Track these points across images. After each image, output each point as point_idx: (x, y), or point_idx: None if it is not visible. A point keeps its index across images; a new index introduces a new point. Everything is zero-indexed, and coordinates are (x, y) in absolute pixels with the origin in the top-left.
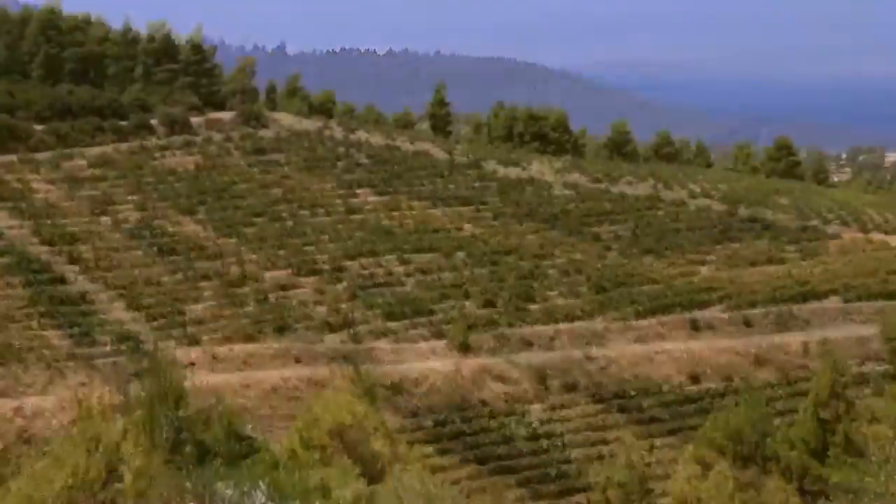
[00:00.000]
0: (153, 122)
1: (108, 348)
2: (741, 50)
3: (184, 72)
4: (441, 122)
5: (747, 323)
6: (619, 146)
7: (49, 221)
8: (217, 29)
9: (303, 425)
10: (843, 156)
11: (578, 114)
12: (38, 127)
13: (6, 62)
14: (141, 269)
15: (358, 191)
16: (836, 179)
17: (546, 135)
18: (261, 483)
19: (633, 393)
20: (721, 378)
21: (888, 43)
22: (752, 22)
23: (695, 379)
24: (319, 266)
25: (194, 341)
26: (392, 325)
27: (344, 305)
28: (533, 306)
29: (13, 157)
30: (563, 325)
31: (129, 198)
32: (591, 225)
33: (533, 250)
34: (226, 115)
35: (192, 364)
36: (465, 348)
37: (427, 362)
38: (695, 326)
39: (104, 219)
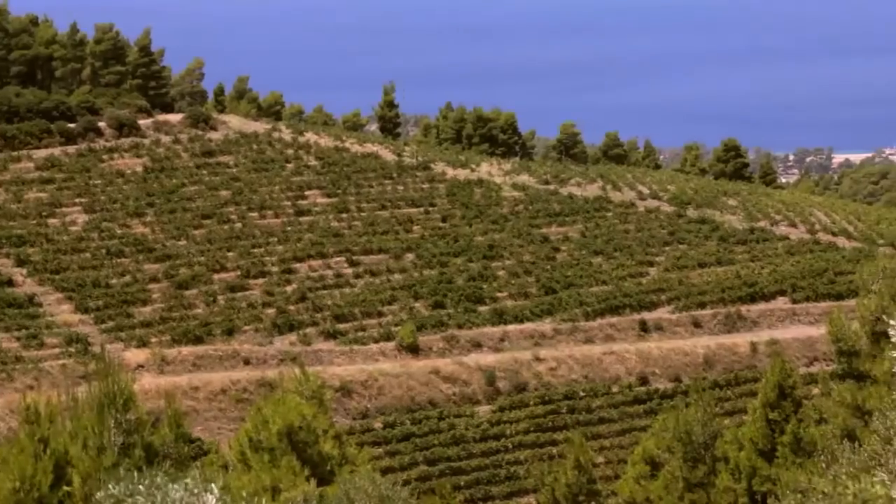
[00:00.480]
0: (101, 124)
1: (56, 350)
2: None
3: (132, 74)
4: (390, 123)
5: (696, 324)
6: (568, 148)
7: None
8: None
9: (252, 427)
10: (791, 157)
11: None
12: None
13: None
14: (89, 271)
15: (307, 193)
16: (783, 180)
17: (495, 136)
18: (211, 485)
19: (582, 394)
20: (670, 379)
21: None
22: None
23: (644, 380)
24: (268, 268)
25: (143, 343)
26: (341, 326)
27: (293, 307)
28: (482, 307)
29: None
30: (512, 327)
31: (77, 200)
32: (540, 226)
33: (482, 252)
34: (174, 118)
35: (141, 366)
36: (414, 349)
37: (376, 364)
38: (644, 327)
39: (52, 221)
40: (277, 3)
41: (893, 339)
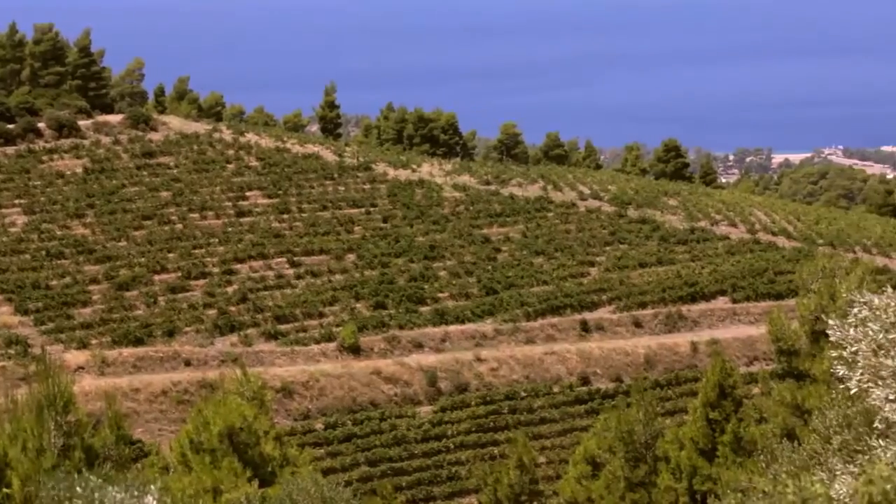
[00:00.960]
0: (40, 125)
1: None
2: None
3: (71, 75)
4: (331, 124)
5: (637, 323)
6: (509, 148)
7: None
8: None
9: (193, 428)
10: (731, 157)
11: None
12: None
13: None
14: (29, 272)
15: (248, 193)
16: (724, 181)
17: (436, 137)
18: (151, 486)
19: (523, 394)
20: (611, 378)
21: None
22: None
23: (585, 380)
24: (209, 269)
25: (83, 345)
26: (282, 327)
27: (234, 308)
28: (423, 308)
29: None
30: (453, 327)
31: (17, 201)
32: (481, 227)
33: (423, 252)
34: (114, 118)
35: (82, 368)
36: (355, 350)
37: (318, 364)
38: (585, 328)
39: None
40: (214, 4)
41: (832, 339)
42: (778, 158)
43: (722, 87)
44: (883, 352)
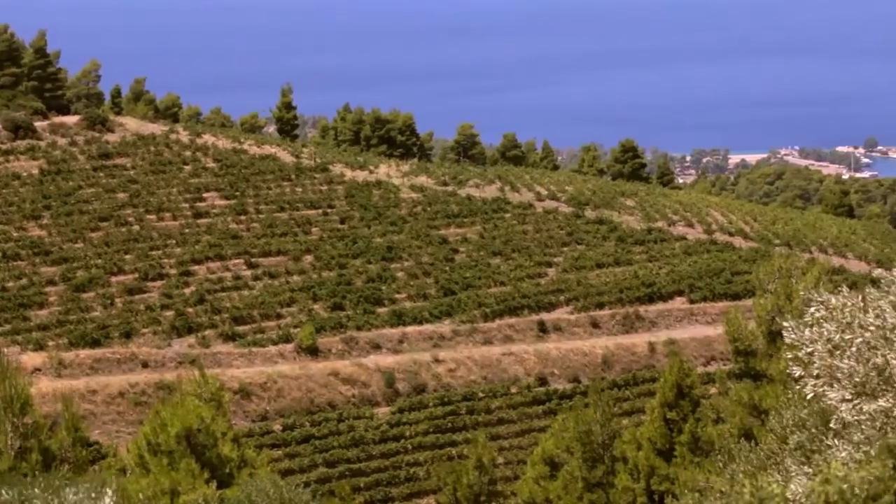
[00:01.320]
0: None
1: None
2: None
3: (27, 76)
4: (288, 125)
5: (594, 324)
6: (466, 149)
7: None
8: None
9: (150, 430)
10: (688, 157)
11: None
12: None
13: None
14: None
15: (205, 195)
16: (681, 181)
17: (393, 138)
18: (108, 489)
19: (481, 395)
20: (569, 379)
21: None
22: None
23: (543, 380)
24: (166, 270)
25: (40, 346)
26: (240, 328)
27: (191, 310)
28: (381, 309)
29: None
30: (411, 328)
31: None
32: (439, 228)
33: (381, 253)
34: (70, 120)
35: (38, 370)
36: (313, 351)
37: (275, 366)
38: (542, 328)
39: None
40: (172, 3)
41: (788, 340)
42: (734, 159)
43: (678, 87)
44: (839, 352)
